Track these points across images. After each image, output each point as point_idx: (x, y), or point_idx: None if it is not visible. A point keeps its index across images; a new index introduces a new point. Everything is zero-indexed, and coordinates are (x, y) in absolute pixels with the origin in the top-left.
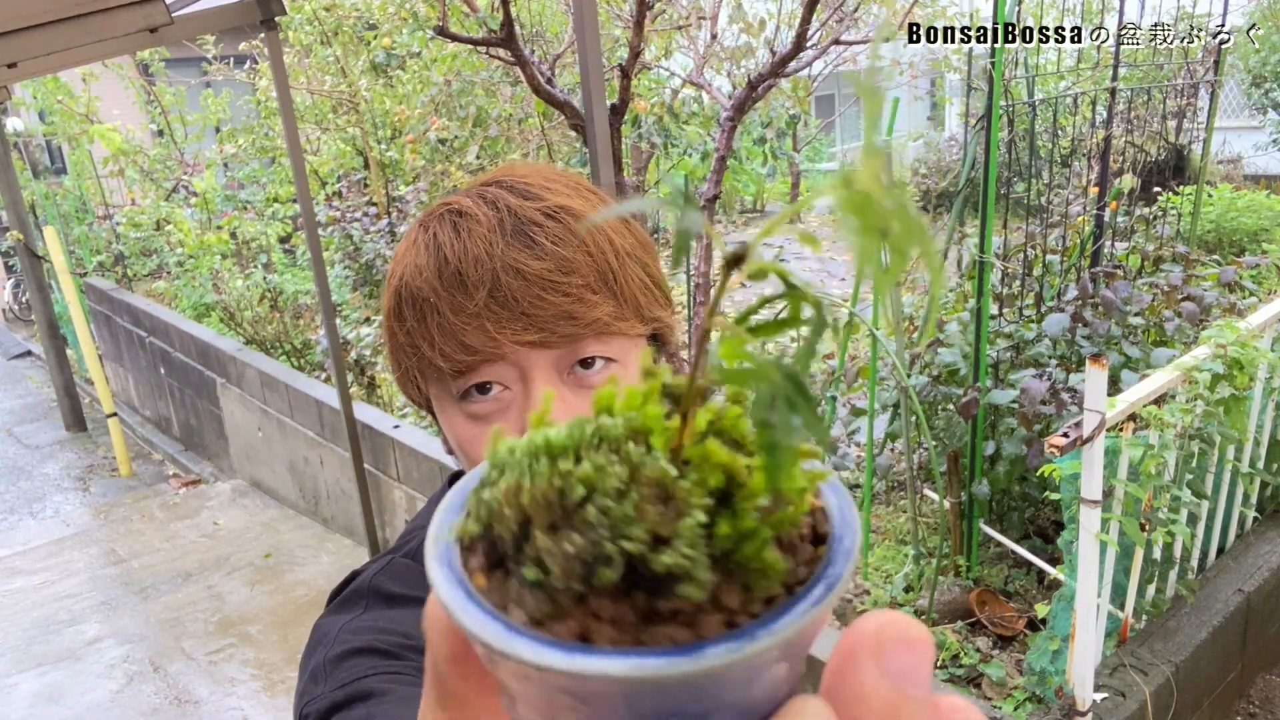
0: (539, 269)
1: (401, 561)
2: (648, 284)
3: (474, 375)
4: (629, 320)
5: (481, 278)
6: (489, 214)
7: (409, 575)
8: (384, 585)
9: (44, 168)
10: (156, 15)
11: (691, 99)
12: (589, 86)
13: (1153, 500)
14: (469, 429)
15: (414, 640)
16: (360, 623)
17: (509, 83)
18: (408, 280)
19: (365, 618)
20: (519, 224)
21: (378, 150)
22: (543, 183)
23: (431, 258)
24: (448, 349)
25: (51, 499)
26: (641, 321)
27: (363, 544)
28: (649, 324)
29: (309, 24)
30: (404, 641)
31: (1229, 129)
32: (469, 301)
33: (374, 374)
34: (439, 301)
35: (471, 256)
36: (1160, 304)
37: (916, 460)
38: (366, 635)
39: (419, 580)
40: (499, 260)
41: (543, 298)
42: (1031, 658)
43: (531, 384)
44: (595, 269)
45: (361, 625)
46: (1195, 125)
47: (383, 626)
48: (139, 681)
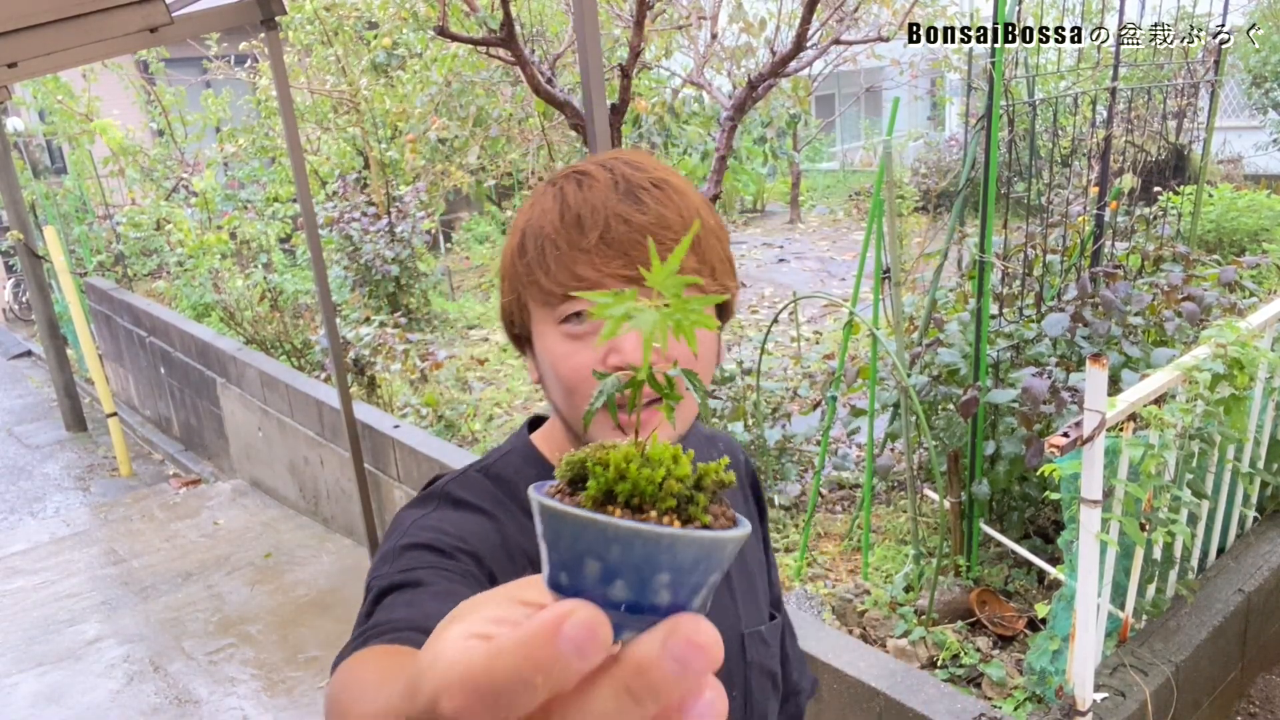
0: (642, 221)
1: (475, 475)
2: (723, 257)
3: (577, 302)
4: (705, 277)
5: (595, 222)
6: (607, 176)
7: (477, 487)
8: (454, 491)
9: (44, 168)
10: (156, 15)
11: (692, 99)
12: (589, 86)
13: (1153, 500)
14: (564, 346)
15: (466, 543)
16: (427, 521)
17: (509, 83)
18: (534, 221)
19: (432, 516)
20: (630, 186)
21: (378, 150)
22: (651, 163)
23: (557, 205)
24: (561, 277)
25: (52, 499)
26: (715, 282)
27: (363, 544)
28: (719, 287)
29: (309, 24)
30: (457, 544)
31: (1229, 129)
32: (583, 239)
33: (374, 374)
34: (558, 238)
35: (589, 206)
36: (1160, 304)
37: (916, 460)
38: (430, 533)
39: (485, 493)
40: (611, 211)
41: (642, 244)
42: (1031, 657)
43: None
44: (685, 229)
45: (428, 523)
46: (1195, 125)
47: (444, 527)
48: (139, 681)
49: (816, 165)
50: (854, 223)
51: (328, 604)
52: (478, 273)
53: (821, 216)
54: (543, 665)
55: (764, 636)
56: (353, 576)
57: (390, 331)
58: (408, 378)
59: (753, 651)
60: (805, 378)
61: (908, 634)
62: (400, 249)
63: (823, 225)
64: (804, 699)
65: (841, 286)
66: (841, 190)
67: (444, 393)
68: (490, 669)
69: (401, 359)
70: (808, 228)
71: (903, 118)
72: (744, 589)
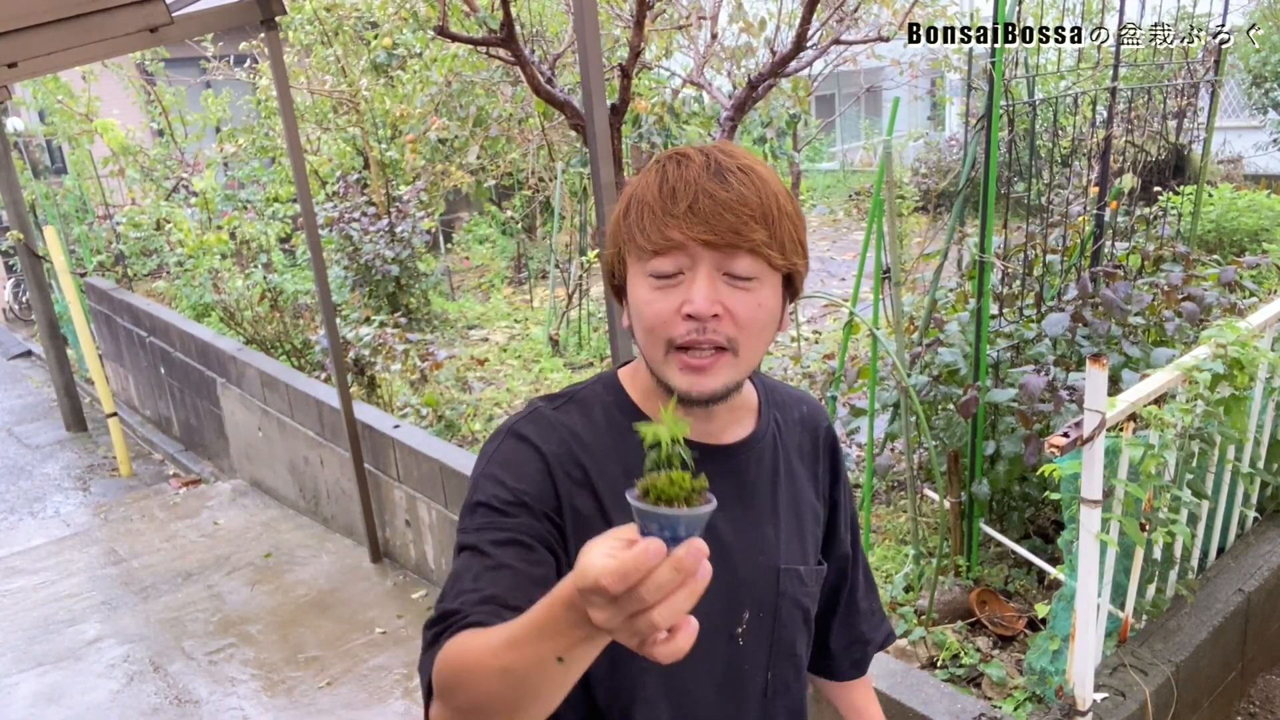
0: (725, 197)
1: (546, 412)
2: (795, 237)
3: (664, 257)
4: (774, 251)
5: (686, 194)
6: (701, 159)
7: (540, 424)
8: (520, 428)
9: (44, 168)
10: (156, 15)
11: (692, 99)
12: (589, 86)
13: (1153, 500)
14: (650, 295)
15: (520, 491)
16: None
17: (509, 83)
18: (639, 191)
19: (498, 454)
20: (719, 168)
21: (378, 150)
22: (741, 153)
23: (658, 179)
24: (654, 235)
25: (52, 499)
26: (783, 257)
27: (363, 543)
28: (788, 263)
29: (309, 24)
30: (510, 498)
31: (1229, 129)
32: (675, 207)
33: (374, 374)
34: (655, 205)
35: (684, 181)
36: (1160, 304)
37: (916, 460)
38: (492, 488)
39: (547, 431)
40: (701, 186)
41: (722, 215)
42: (1031, 657)
43: (698, 272)
44: (761, 209)
45: (492, 471)
46: (1195, 125)
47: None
48: (139, 681)
49: (816, 165)
50: (854, 223)
51: (328, 604)
52: (478, 273)
53: (821, 216)
54: (644, 564)
55: (801, 575)
56: (353, 576)
57: (390, 331)
58: (408, 378)
59: (785, 584)
60: (805, 378)
61: (908, 634)
62: (400, 249)
63: (823, 225)
64: (871, 649)
65: (841, 286)
66: (841, 190)
67: (444, 393)
68: (623, 565)
69: (401, 359)
70: (808, 227)
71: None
72: (789, 532)
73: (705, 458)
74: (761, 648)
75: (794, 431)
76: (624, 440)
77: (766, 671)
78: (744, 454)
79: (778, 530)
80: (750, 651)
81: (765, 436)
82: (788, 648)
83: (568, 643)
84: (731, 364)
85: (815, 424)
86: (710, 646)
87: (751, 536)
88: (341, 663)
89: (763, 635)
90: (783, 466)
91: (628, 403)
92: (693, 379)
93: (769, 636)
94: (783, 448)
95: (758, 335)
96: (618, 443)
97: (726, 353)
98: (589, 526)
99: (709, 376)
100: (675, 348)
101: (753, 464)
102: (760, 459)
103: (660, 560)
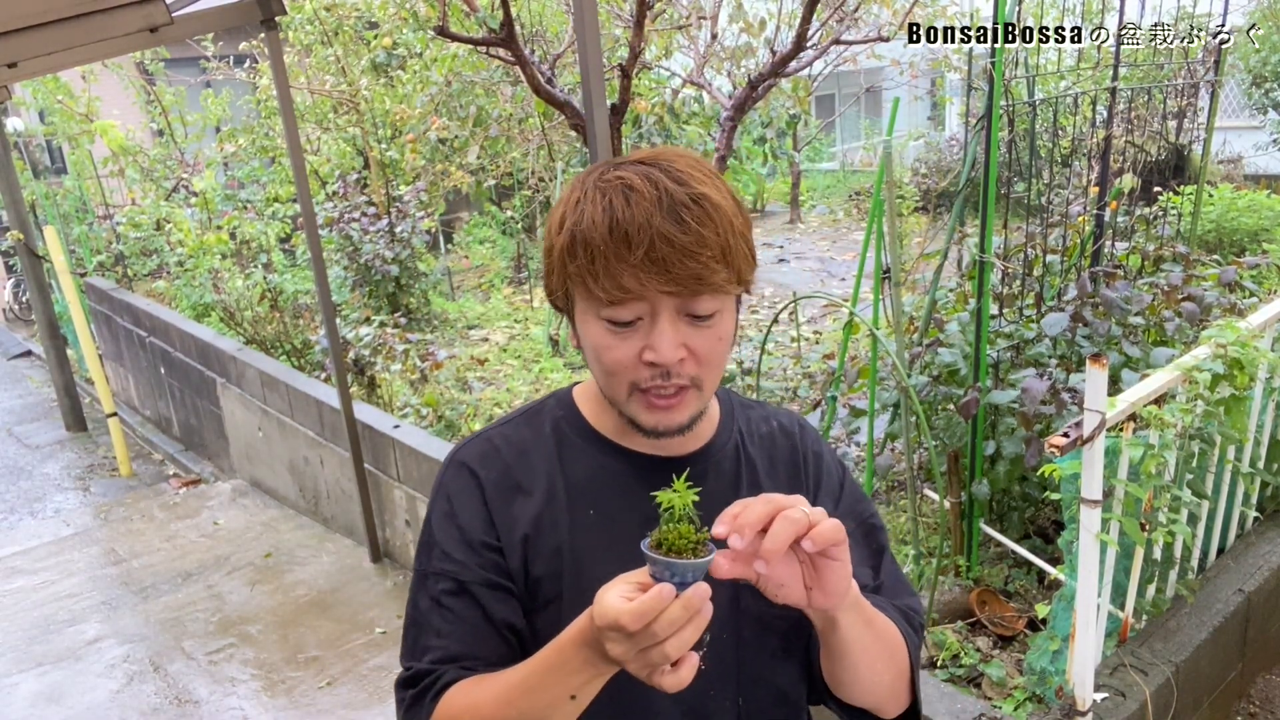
0: (684, 241)
1: (493, 434)
2: (747, 254)
3: (620, 307)
4: (734, 284)
5: (642, 240)
6: (651, 192)
7: (484, 448)
8: (463, 455)
9: (44, 168)
10: (156, 15)
11: (692, 99)
12: (589, 86)
13: (1153, 500)
14: (607, 339)
15: (465, 533)
16: (440, 498)
17: (509, 83)
18: (584, 229)
19: (444, 488)
20: (673, 204)
21: (378, 150)
22: (689, 170)
23: (606, 217)
24: (608, 285)
25: (52, 499)
26: (741, 284)
27: (363, 544)
28: (744, 285)
29: (309, 24)
30: (458, 537)
31: (1229, 129)
32: (630, 255)
33: (374, 374)
34: (608, 251)
35: (636, 223)
36: (1160, 304)
37: (916, 460)
38: (440, 529)
39: (489, 457)
40: (656, 230)
41: (683, 262)
42: (1031, 658)
43: (659, 318)
44: (720, 246)
45: (441, 507)
46: (1195, 125)
47: (451, 512)
48: (139, 681)
49: (816, 165)
50: (854, 223)
51: (328, 604)
52: (478, 273)
53: (821, 216)
54: (658, 605)
55: None
56: (353, 576)
57: (390, 331)
58: (408, 378)
59: (746, 601)
60: (805, 378)
61: None
62: (400, 249)
63: (823, 225)
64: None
65: (841, 286)
66: (841, 190)
67: (444, 393)
68: (641, 606)
69: (401, 359)
70: (808, 228)
71: (903, 118)
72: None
73: (661, 469)
74: (727, 672)
75: (763, 447)
76: (568, 454)
77: (736, 698)
78: (700, 464)
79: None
80: (714, 676)
81: (725, 446)
82: (756, 672)
83: (581, 680)
84: (696, 397)
85: (788, 440)
86: None
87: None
88: (341, 663)
89: (725, 657)
90: (746, 478)
91: (578, 418)
92: (660, 416)
93: (732, 659)
94: (746, 460)
95: (719, 365)
96: (562, 459)
97: (691, 389)
98: (528, 543)
99: (675, 412)
100: (639, 390)
101: (711, 474)
102: (719, 469)
103: (671, 601)
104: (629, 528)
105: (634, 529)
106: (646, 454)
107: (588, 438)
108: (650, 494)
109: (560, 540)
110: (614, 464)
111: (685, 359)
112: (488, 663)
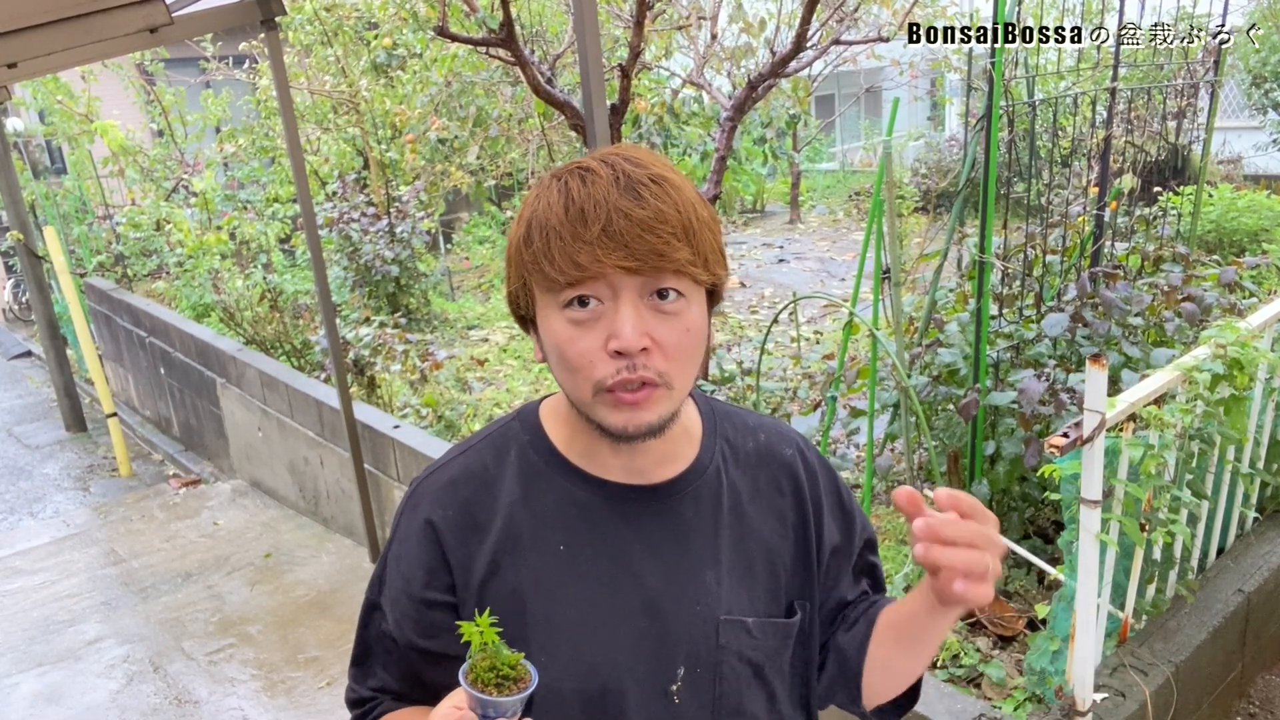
0: (642, 215)
1: (451, 464)
2: (715, 248)
3: (579, 288)
4: (699, 268)
5: (598, 216)
6: (609, 172)
7: (439, 485)
8: (418, 497)
9: (44, 168)
10: (156, 15)
11: (691, 99)
12: (589, 86)
13: (1153, 500)
14: (569, 331)
15: (410, 582)
16: (395, 542)
17: (509, 83)
18: (539, 213)
19: (400, 531)
20: (630, 182)
21: (378, 150)
22: (649, 159)
23: (561, 199)
24: (564, 265)
25: (51, 499)
26: (707, 272)
27: (363, 544)
28: (711, 277)
29: (309, 24)
30: (402, 585)
31: (1229, 129)
32: (586, 232)
33: (374, 374)
34: (563, 229)
35: (592, 200)
36: (1160, 304)
37: (916, 460)
38: (394, 570)
39: (445, 494)
40: (613, 205)
41: (641, 237)
42: (1031, 658)
43: (621, 301)
44: (681, 224)
45: (395, 550)
46: (1195, 125)
47: (401, 555)
48: (139, 681)
49: (816, 165)
50: (854, 223)
51: (328, 604)
52: (478, 273)
53: (821, 217)
54: None
55: (749, 628)
56: (353, 576)
57: (390, 332)
58: (408, 378)
59: (727, 636)
60: (805, 378)
61: None
62: (400, 249)
63: (823, 225)
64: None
65: (841, 286)
66: (841, 190)
67: (444, 393)
68: None
69: (401, 359)
70: (808, 228)
71: (903, 118)
72: (735, 579)
73: (633, 499)
74: (702, 707)
75: (748, 464)
76: (534, 485)
77: None
78: (679, 493)
79: (719, 577)
80: (687, 710)
81: (707, 471)
82: (734, 706)
83: None
84: (665, 396)
85: (778, 455)
86: (641, 705)
87: (687, 584)
88: (341, 663)
89: (702, 693)
90: (728, 503)
91: (544, 442)
92: (628, 415)
93: (710, 694)
94: (729, 483)
95: (688, 362)
96: (526, 489)
97: (660, 387)
98: (484, 588)
99: (644, 410)
100: (604, 389)
101: (689, 503)
102: (699, 497)
103: None
104: (598, 563)
105: (603, 564)
106: (619, 483)
107: (555, 465)
108: (624, 527)
109: (519, 582)
110: (583, 494)
111: (650, 349)
112: (425, 697)
